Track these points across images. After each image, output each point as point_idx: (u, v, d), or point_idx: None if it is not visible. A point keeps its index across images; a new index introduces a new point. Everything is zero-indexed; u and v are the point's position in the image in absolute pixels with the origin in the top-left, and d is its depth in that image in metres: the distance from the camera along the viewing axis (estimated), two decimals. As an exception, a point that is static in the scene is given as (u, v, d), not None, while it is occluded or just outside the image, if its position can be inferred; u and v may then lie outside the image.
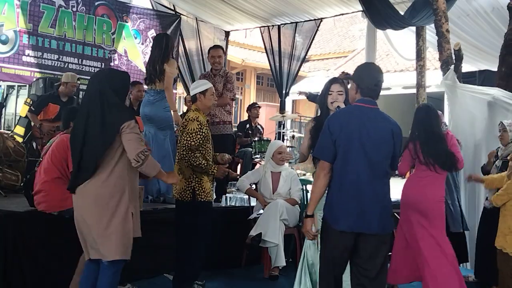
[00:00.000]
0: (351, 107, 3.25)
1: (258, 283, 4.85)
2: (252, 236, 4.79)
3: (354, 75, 3.27)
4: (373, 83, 3.14)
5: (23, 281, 3.80)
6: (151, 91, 5.17)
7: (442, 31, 5.76)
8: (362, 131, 3.03)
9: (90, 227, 3.15)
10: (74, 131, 3.30)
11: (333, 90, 3.75)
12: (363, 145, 3.02)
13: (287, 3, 8.02)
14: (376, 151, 3.03)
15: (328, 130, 3.10)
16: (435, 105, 4.42)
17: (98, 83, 3.26)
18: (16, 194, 5.00)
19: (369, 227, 2.98)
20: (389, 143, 3.07)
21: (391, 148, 3.08)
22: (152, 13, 9.00)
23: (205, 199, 4.11)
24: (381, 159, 3.05)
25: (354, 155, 3.02)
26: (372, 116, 3.09)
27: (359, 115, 3.10)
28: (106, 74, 3.43)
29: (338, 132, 3.04)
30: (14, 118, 7.77)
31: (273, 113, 10.70)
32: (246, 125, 8.30)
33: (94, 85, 3.27)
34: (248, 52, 16.19)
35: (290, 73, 8.93)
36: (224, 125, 5.70)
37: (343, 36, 19.09)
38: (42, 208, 3.87)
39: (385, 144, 3.06)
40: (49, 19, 7.61)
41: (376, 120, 3.09)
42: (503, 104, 5.35)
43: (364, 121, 3.06)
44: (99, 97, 3.17)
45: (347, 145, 3.03)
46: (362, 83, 3.16)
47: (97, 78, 3.34)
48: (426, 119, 4.16)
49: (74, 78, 6.32)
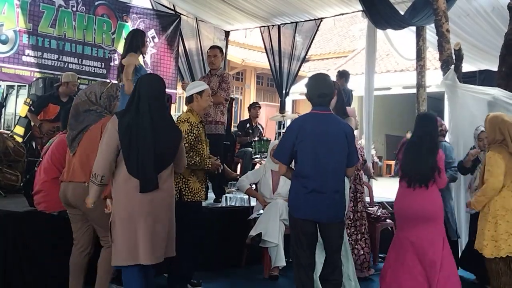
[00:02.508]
0: (307, 114, 3.63)
1: (258, 283, 4.85)
2: (252, 236, 4.79)
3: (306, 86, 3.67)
4: (316, 94, 3.54)
5: (23, 281, 3.80)
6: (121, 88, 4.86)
7: (442, 31, 5.76)
8: (314, 134, 3.44)
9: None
10: (138, 132, 3.18)
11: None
12: (317, 145, 3.42)
13: (287, 3, 8.01)
14: (328, 150, 3.44)
15: (288, 134, 3.58)
16: (435, 105, 4.43)
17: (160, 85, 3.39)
18: (16, 194, 5.00)
19: (320, 217, 3.45)
20: (342, 142, 3.48)
21: (345, 146, 3.49)
22: (152, 13, 9.00)
23: (193, 199, 4.14)
24: (333, 157, 3.45)
25: (308, 155, 3.43)
26: (325, 120, 3.51)
27: (313, 120, 3.51)
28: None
29: (295, 137, 3.46)
30: (14, 118, 7.76)
31: (273, 113, 10.69)
32: (246, 124, 8.31)
33: (154, 88, 3.31)
34: (248, 52, 16.18)
35: (290, 73, 8.93)
36: (216, 125, 5.66)
37: (343, 36, 19.10)
38: (42, 208, 3.87)
39: (338, 144, 3.47)
40: (49, 19, 7.61)
41: (328, 123, 3.51)
42: (503, 104, 5.34)
43: (317, 125, 3.47)
44: (164, 100, 3.39)
45: (302, 147, 3.44)
46: (310, 94, 3.58)
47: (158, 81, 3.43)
48: (425, 129, 4.17)
49: (74, 77, 6.31)
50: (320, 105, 3.54)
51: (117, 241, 3.17)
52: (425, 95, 6.93)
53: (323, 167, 3.42)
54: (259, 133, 8.24)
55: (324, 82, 3.61)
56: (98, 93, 3.51)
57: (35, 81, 7.28)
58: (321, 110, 3.54)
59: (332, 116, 3.58)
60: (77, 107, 3.50)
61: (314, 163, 3.42)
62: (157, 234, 3.18)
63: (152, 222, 3.16)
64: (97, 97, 3.50)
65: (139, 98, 3.22)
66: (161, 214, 3.22)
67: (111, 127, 3.17)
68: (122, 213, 3.16)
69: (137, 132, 3.15)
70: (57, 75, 7.20)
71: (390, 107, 15.85)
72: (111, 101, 3.56)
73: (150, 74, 4.65)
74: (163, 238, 3.22)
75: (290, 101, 14.70)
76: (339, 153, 3.47)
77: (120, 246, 3.16)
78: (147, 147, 3.14)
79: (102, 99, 3.51)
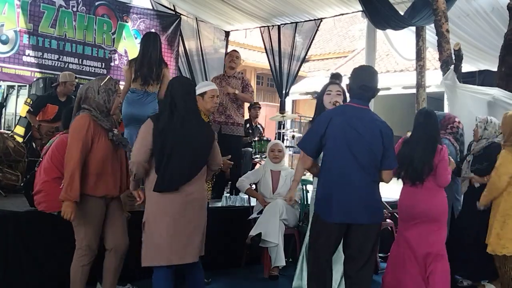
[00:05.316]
0: (342, 106, 3.38)
1: (258, 283, 4.85)
2: (252, 236, 4.79)
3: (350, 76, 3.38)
4: (358, 85, 3.24)
5: (23, 281, 3.81)
6: (140, 91, 4.96)
7: (442, 31, 5.76)
8: (349, 129, 3.14)
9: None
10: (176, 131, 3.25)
11: (332, 90, 3.87)
12: (349, 142, 3.12)
13: (287, 3, 8.02)
14: (362, 149, 3.12)
15: (316, 125, 3.24)
16: (435, 105, 4.43)
17: (192, 86, 3.52)
18: (16, 194, 5.00)
19: (356, 218, 3.12)
20: (378, 142, 3.15)
21: (379, 147, 3.15)
22: (152, 13, 9.01)
23: None
24: (367, 157, 3.13)
25: (339, 152, 3.13)
26: (360, 116, 3.19)
27: (348, 113, 3.20)
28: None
29: (325, 129, 3.15)
30: (14, 118, 7.78)
31: (273, 113, 10.69)
32: (246, 124, 8.31)
33: (186, 90, 3.39)
34: (248, 52, 16.18)
35: (290, 73, 8.93)
36: (237, 127, 5.89)
37: (343, 36, 19.08)
38: (42, 208, 3.87)
39: (372, 143, 3.14)
40: (49, 19, 7.62)
41: (364, 119, 3.18)
42: (503, 104, 5.35)
43: (352, 119, 3.16)
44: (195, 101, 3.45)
45: (333, 142, 3.14)
46: (351, 84, 3.29)
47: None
48: (423, 126, 4.10)
49: (72, 77, 6.32)
50: (359, 98, 3.23)
51: (148, 241, 3.21)
52: (425, 95, 6.94)
53: (354, 165, 3.11)
54: (259, 133, 8.25)
55: (369, 74, 3.32)
56: (96, 87, 3.45)
57: (35, 81, 7.29)
58: (359, 104, 3.23)
59: (369, 112, 3.26)
60: (78, 105, 3.50)
61: (345, 161, 3.12)
62: (190, 233, 3.23)
63: (185, 222, 3.21)
64: (95, 92, 3.43)
65: (173, 101, 3.29)
66: (194, 214, 3.26)
67: (145, 130, 3.25)
68: (155, 213, 3.22)
69: (173, 137, 3.21)
70: (57, 75, 7.21)
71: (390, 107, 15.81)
72: (110, 95, 3.47)
73: (180, 76, 4.76)
74: (196, 237, 3.27)
75: (290, 101, 14.70)
76: (373, 152, 3.14)
77: (151, 246, 3.20)
78: (180, 153, 3.21)
79: (101, 93, 3.43)
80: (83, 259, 3.38)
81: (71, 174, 3.24)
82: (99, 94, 3.44)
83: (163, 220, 3.19)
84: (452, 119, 4.91)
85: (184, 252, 3.20)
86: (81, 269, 3.37)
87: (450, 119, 4.89)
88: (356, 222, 3.14)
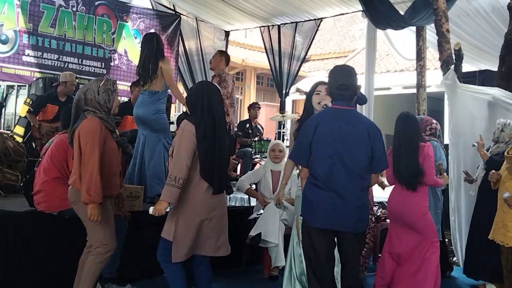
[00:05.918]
0: (327, 109, 3.33)
1: (258, 283, 4.85)
2: (252, 236, 4.79)
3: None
4: (335, 86, 3.23)
5: (23, 281, 3.80)
6: (145, 92, 5.07)
7: (442, 31, 5.75)
8: (335, 133, 3.12)
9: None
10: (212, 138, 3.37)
11: (321, 91, 3.83)
12: (335, 147, 3.10)
13: (287, 3, 8.02)
14: (348, 154, 3.11)
15: (303, 134, 3.23)
16: (435, 105, 4.42)
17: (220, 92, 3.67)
18: (16, 194, 4.99)
19: (342, 225, 3.13)
20: (365, 143, 3.12)
21: (368, 148, 3.12)
22: (152, 13, 9.00)
23: None
24: (354, 161, 3.11)
25: (325, 157, 3.12)
26: (346, 118, 3.17)
27: (333, 117, 3.18)
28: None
29: (312, 135, 3.15)
30: (14, 118, 7.76)
31: (273, 113, 10.69)
32: (246, 124, 8.31)
33: (219, 96, 3.54)
34: (248, 52, 16.17)
35: (290, 73, 8.94)
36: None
37: (343, 36, 19.07)
38: (42, 208, 3.86)
39: (359, 145, 3.12)
40: (49, 19, 7.61)
41: (351, 122, 3.16)
42: (503, 104, 5.34)
43: (339, 123, 3.15)
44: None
45: (320, 147, 3.13)
46: (330, 87, 3.30)
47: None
48: (402, 130, 4.07)
49: (72, 77, 6.32)
50: (340, 99, 3.19)
51: (179, 238, 3.33)
52: (425, 95, 6.94)
53: (341, 170, 3.08)
54: (259, 133, 8.25)
55: (343, 72, 3.29)
56: (95, 88, 3.45)
57: (35, 81, 7.28)
58: (342, 105, 3.19)
59: (354, 112, 3.23)
60: (76, 107, 3.49)
61: (331, 166, 3.09)
62: (221, 230, 3.50)
63: (216, 221, 3.44)
64: (94, 93, 3.43)
65: (211, 105, 3.38)
66: (223, 212, 3.51)
67: (189, 133, 3.33)
68: (189, 212, 3.35)
69: (215, 141, 3.35)
70: (57, 75, 7.20)
71: (390, 107, 15.78)
72: (110, 95, 3.48)
73: (209, 82, 4.94)
74: (225, 233, 3.54)
75: (290, 101, 14.67)
76: (361, 155, 3.11)
77: (182, 243, 3.33)
78: (222, 154, 3.41)
79: (100, 93, 3.44)
80: (100, 257, 3.39)
81: (93, 176, 3.22)
82: (99, 95, 3.45)
83: (196, 220, 3.36)
84: (429, 121, 5.00)
85: (215, 247, 3.49)
86: (96, 266, 3.38)
87: (428, 121, 4.99)
88: (339, 230, 3.17)
